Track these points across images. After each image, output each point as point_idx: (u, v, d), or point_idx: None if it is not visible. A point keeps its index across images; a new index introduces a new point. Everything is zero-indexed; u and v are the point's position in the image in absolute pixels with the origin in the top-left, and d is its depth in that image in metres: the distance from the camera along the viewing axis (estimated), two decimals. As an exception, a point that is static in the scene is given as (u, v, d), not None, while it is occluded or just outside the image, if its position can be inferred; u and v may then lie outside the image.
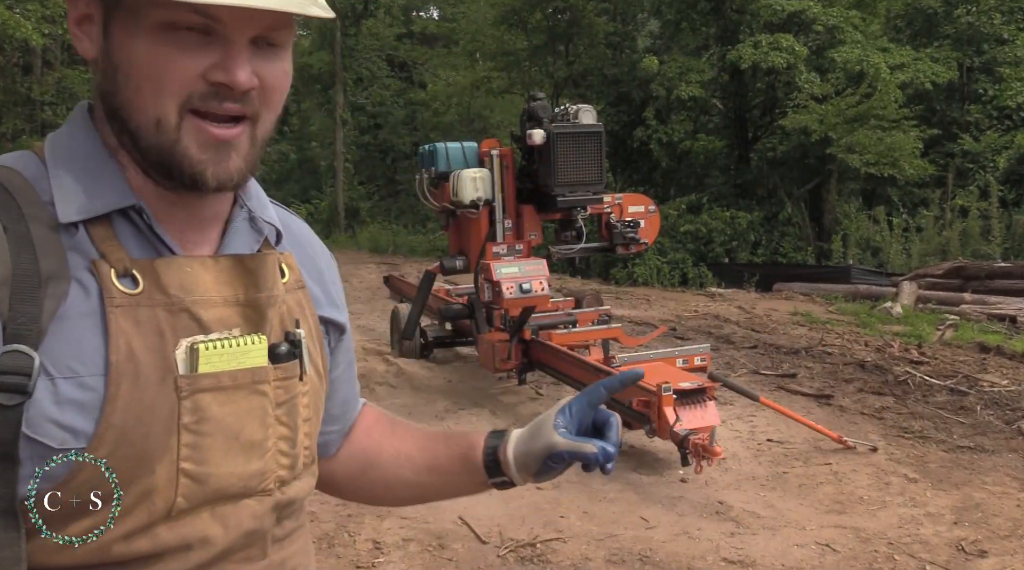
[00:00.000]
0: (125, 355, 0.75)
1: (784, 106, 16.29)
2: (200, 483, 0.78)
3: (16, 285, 0.72)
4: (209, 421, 0.78)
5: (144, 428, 0.75)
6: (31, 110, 13.36)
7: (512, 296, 5.30)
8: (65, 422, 0.72)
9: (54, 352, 0.73)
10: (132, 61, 0.75)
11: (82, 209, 0.77)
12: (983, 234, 13.55)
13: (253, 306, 0.83)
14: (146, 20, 0.74)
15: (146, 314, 0.77)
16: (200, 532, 0.79)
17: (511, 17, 19.78)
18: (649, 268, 15.11)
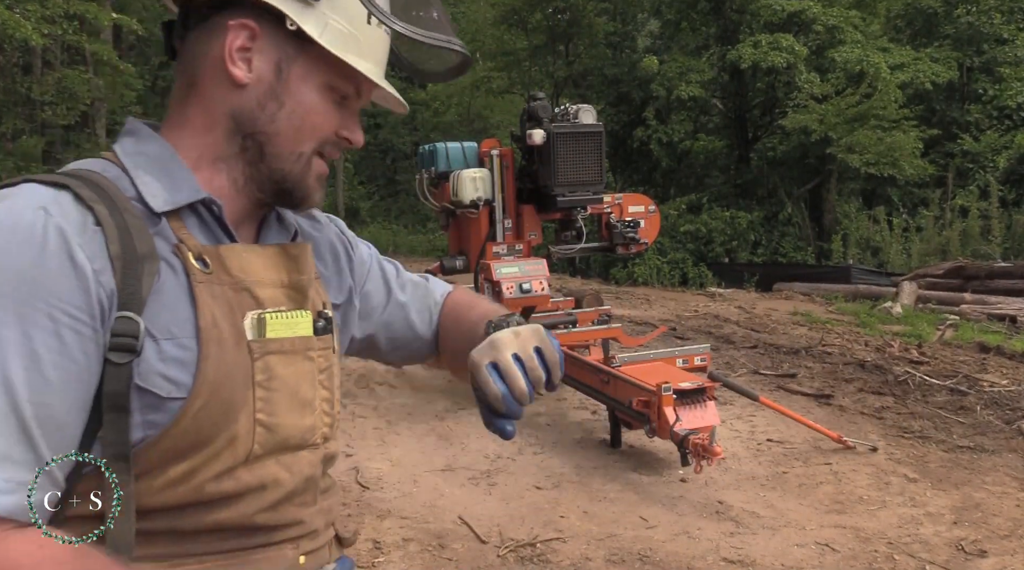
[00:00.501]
0: (211, 322, 0.89)
1: (784, 106, 16.29)
2: (271, 432, 0.92)
3: (126, 261, 0.85)
4: (276, 379, 0.93)
5: (229, 383, 0.89)
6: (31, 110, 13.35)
7: (512, 296, 5.30)
8: (170, 375, 0.85)
9: (154, 319, 0.86)
10: (302, 104, 0.95)
11: (167, 202, 0.91)
12: (983, 234, 13.55)
13: (296, 287, 0.99)
14: (319, 77, 0.95)
15: (218, 290, 0.91)
16: (272, 475, 0.92)
17: (511, 17, 19.78)
18: (649, 268, 15.11)
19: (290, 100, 0.94)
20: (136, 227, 0.87)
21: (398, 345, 1.24)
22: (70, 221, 0.83)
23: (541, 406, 5.84)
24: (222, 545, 0.90)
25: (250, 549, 0.92)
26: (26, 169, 12.22)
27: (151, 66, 17.29)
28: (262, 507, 0.92)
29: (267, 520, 0.93)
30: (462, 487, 4.35)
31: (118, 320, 0.83)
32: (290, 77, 0.94)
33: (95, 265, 0.83)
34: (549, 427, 5.36)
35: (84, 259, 0.82)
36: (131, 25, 12.09)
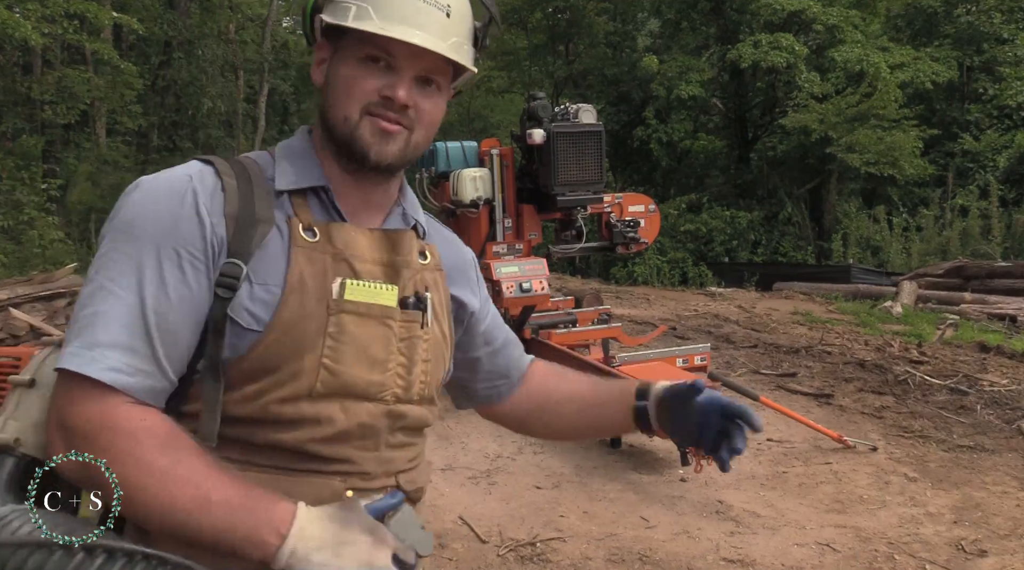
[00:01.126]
0: (298, 278, 1.08)
1: (784, 106, 16.29)
2: (334, 376, 1.08)
3: (239, 220, 1.08)
4: (346, 334, 1.09)
5: (302, 327, 1.07)
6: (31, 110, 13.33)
7: (512, 295, 5.30)
8: (253, 311, 1.06)
9: (255, 267, 1.08)
10: (339, 79, 1.13)
11: (289, 183, 1.15)
12: (983, 233, 13.55)
13: (391, 265, 1.17)
14: (354, 54, 1.12)
15: (318, 257, 1.11)
16: (328, 413, 1.08)
17: (511, 17, 19.77)
18: (649, 267, 15.12)
19: (335, 79, 1.15)
20: (262, 199, 1.12)
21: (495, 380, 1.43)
22: (204, 186, 1.09)
23: (541, 406, 5.84)
24: (280, 462, 1.06)
25: (302, 472, 1.07)
26: (26, 168, 12.21)
27: (151, 65, 17.27)
28: (315, 438, 1.07)
29: (319, 450, 1.08)
30: (462, 487, 4.35)
31: (227, 264, 1.06)
32: (335, 63, 1.15)
33: (213, 219, 1.07)
34: (549, 427, 5.36)
35: (206, 214, 1.07)
36: (131, 24, 12.07)
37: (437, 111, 1.17)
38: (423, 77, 1.14)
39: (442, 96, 1.18)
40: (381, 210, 1.22)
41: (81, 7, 11.29)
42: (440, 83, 1.16)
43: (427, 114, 1.16)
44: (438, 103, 1.17)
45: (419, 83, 1.13)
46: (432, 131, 1.18)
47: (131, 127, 15.90)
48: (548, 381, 1.47)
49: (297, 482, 1.05)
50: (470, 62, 1.17)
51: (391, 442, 1.15)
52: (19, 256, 10.91)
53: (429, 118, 1.16)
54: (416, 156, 1.19)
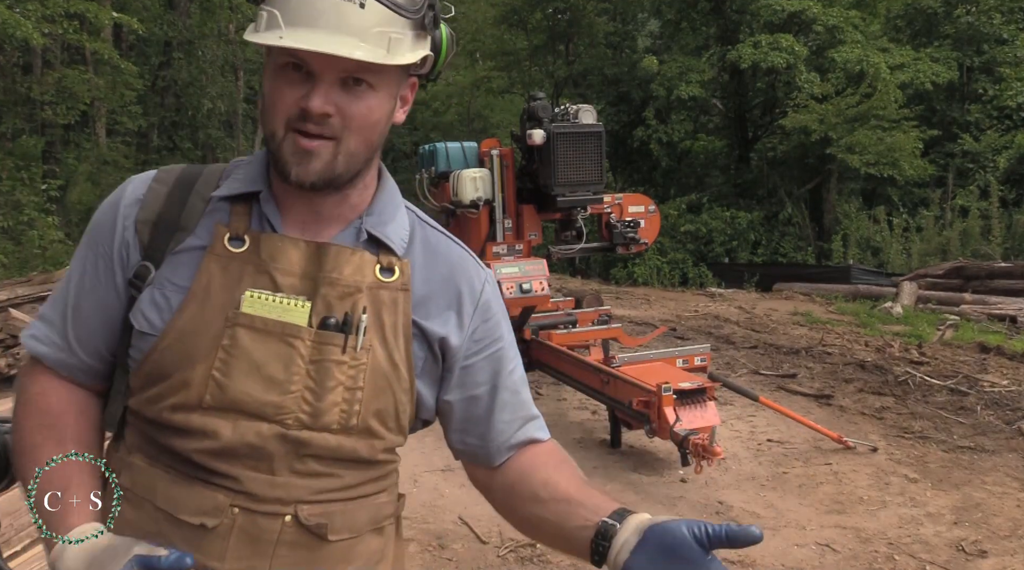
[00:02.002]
0: (202, 286, 1.07)
1: (784, 106, 16.28)
2: (222, 390, 1.05)
3: (156, 225, 1.11)
4: (239, 348, 1.06)
5: (196, 337, 1.06)
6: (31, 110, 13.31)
7: (512, 296, 5.30)
8: (148, 315, 1.08)
9: (165, 272, 1.09)
10: (265, 92, 1.09)
11: (229, 190, 1.13)
12: (983, 234, 13.54)
13: (313, 280, 1.09)
14: (274, 63, 1.07)
15: (236, 266, 1.08)
16: (216, 427, 1.06)
17: (511, 17, 19.78)
18: (649, 268, 15.11)
19: (263, 91, 1.10)
20: (193, 206, 1.12)
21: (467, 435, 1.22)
22: (133, 193, 1.14)
23: (542, 406, 5.83)
24: (176, 465, 1.08)
25: (192, 479, 1.08)
26: (26, 169, 12.20)
27: (151, 66, 17.27)
28: (202, 450, 1.06)
29: (205, 462, 1.07)
30: (462, 487, 4.35)
31: (140, 266, 1.10)
32: (264, 73, 1.11)
33: (125, 223, 1.12)
34: (549, 427, 5.35)
35: (121, 218, 1.13)
36: (132, 24, 12.06)
37: (372, 113, 1.07)
38: (347, 78, 1.04)
39: (379, 94, 1.07)
40: (335, 223, 1.14)
41: (81, 7, 11.28)
42: (373, 81, 1.05)
43: (357, 118, 1.05)
44: (372, 105, 1.06)
45: (344, 85, 1.04)
46: (373, 134, 1.08)
47: (131, 127, 15.89)
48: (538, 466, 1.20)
49: (187, 488, 1.07)
50: (405, 51, 1.05)
51: (297, 468, 1.08)
52: (19, 256, 10.90)
53: (361, 122, 1.06)
54: (357, 165, 1.09)
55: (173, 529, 1.06)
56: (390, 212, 1.18)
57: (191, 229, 1.11)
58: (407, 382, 1.14)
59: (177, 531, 1.06)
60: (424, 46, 1.09)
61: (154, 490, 1.08)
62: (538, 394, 6.10)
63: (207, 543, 1.06)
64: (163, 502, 1.08)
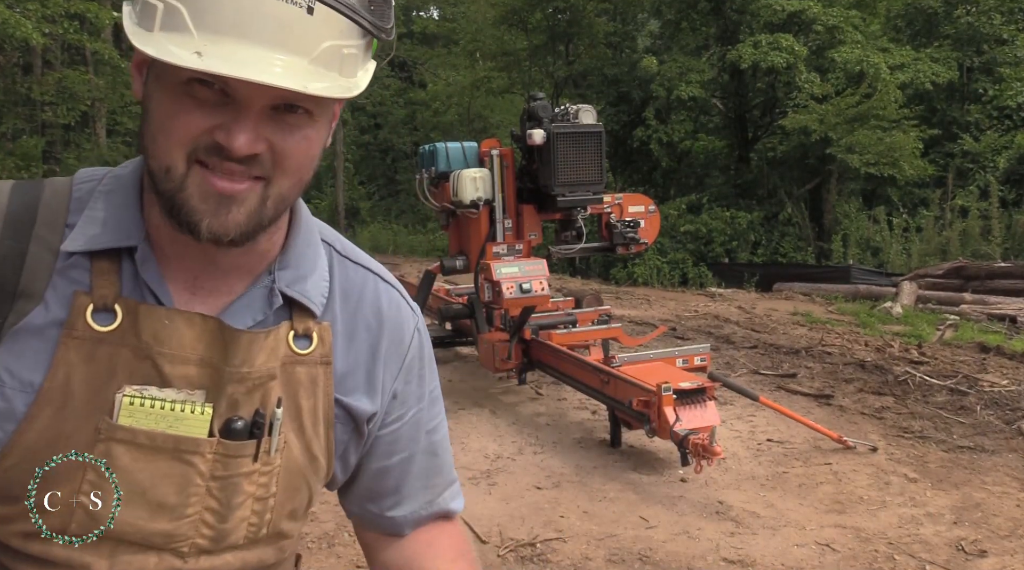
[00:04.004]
0: (61, 383, 0.79)
1: (784, 106, 16.29)
2: (93, 520, 0.80)
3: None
4: (117, 469, 0.80)
5: (54, 454, 0.79)
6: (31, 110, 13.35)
7: (512, 296, 5.30)
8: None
9: (2, 360, 0.78)
10: (155, 111, 0.78)
11: (87, 242, 0.81)
12: (983, 234, 13.54)
13: (216, 373, 0.83)
14: (173, 77, 0.75)
15: (105, 352, 0.80)
16: (85, 562, 0.81)
17: (511, 17, 19.77)
18: (649, 268, 15.11)
19: (151, 107, 0.79)
20: (38, 261, 0.80)
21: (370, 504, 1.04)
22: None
23: (541, 406, 5.84)
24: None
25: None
26: (26, 169, 12.21)
27: (151, 66, 17.29)
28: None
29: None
30: (462, 487, 4.34)
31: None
32: (150, 80, 0.80)
33: None
34: (549, 427, 5.36)
35: None
36: (131, 25, 12.07)
37: (310, 147, 0.81)
38: (280, 104, 0.77)
39: (317, 122, 0.81)
40: (237, 278, 0.87)
41: (82, 7, 11.30)
42: (312, 107, 0.79)
43: (292, 156, 0.79)
44: (310, 137, 0.81)
45: (275, 112, 0.77)
46: (306, 173, 0.82)
47: (131, 127, 15.91)
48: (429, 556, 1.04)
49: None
50: (358, 69, 0.80)
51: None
52: (19, 256, 10.91)
53: (295, 161, 0.80)
54: (282, 211, 0.83)
55: None
56: (309, 260, 0.92)
57: (38, 296, 0.80)
58: (325, 470, 0.94)
59: None
60: (369, 56, 0.84)
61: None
62: (538, 394, 6.10)
63: None
64: None
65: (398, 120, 24.69)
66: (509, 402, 5.94)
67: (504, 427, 5.35)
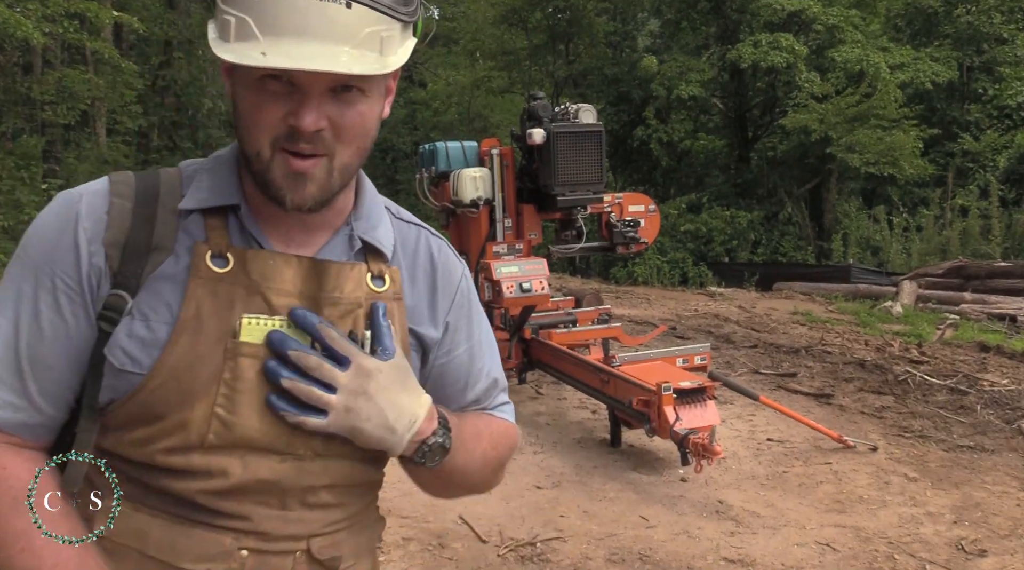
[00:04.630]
0: (192, 314, 0.96)
1: (784, 105, 16.29)
2: (228, 428, 0.96)
3: (128, 249, 0.97)
4: (244, 381, 0.97)
5: (192, 372, 0.95)
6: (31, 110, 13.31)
7: (512, 295, 5.30)
8: (129, 350, 0.96)
9: (143, 301, 0.97)
10: (241, 106, 0.97)
11: (197, 201, 1.01)
12: (983, 233, 13.54)
13: (315, 301, 1.00)
14: (250, 76, 0.94)
15: (225, 289, 0.98)
16: (223, 466, 0.97)
17: (511, 16, 19.77)
18: (649, 267, 15.12)
19: (239, 103, 0.98)
20: (165, 222, 0.99)
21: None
22: (91, 209, 0.99)
23: (541, 406, 5.84)
24: (171, 509, 0.98)
25: (191, 522, 0.98)
26: (26, 169, 12.19)
27: (151, 65, 17.27)
28: (206, 490, 0.97)
29: (208, 503, 0.97)
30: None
31: (111, 296, 0.97)
32: (235, 85, 0.99)
33: (92, 248, 0.97)
34: (549, 427, 5.36)
35: (84, 241, 0.97)
36: (132, 23, 12.06)
37: (365, 120, 0.99)
38: (336, 86, 0.94)
39: (370, 98, 0.98)
40: (321, 232, 1.06)
41: (82, 6, 11.28)
42: (364, 86, 0.96)
43: (350, 129, 0.97)
44: (364, 110, 0.98)
45: (334, 94, 0.95)
46: (364, 142, 1.01)
47: (131, 127, 15.89)
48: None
49: (185, 533, 0.97)
50: (397, 48, 0.97)
51: (309, 501, 1.02)
52: (19, 256, 10.90)
53: (353, 132, 0.98)
54: (349, 177, 1.02)
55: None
56: (376, 214, 1.11)
57: (169, 248, 0.98)
58: None
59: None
60: (410, 34, 1.00)
61: (144, 537, 0.98)
62: (538, 393, 6.10)
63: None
64: (156, 550, 0.97)
65: (398, 119, 24.68)
66: (509, 402, 5.93)
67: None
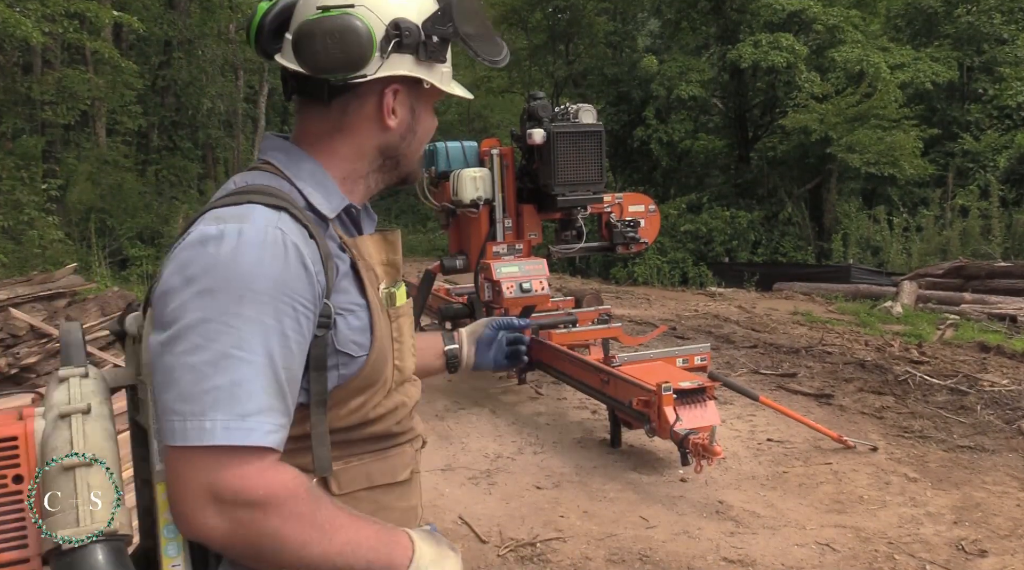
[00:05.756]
0: (372, 296, 1.22)
1: (784, 105, 16.28)
2: (400, 372, 1.29)
3: (326, 263, 1.15)
4: (403, 335, 1.29)
5: (385, 339, 1.24)
6: (31, 110, 13.29)
7: (512, 295, 5.30)
8: (357, 340, 1.19)
9: (339, 299, 1.18)
10: (425, 126, 1.33)
11: (332, 209, 1.23)
12: (983, 234, 13.54)
13: (393, 265, 1.31)
14: (430, 104, 1.33)
15: (364, 270, 1.23)
16: (401, 399, 1.29)
17: (511, 17, 19.77)
18: (649, 267, 15.12)
19: (419, 127, 1.31)
20: (317, 232, 1.16)
21: None
22: (298, 236, 1.13)
23: (541, 406, 5.84)
24: (372, 447, 1.26)
25: (388, 448, 1.28)
26: (26, 169, 12.18)
27: (151, 65, 17.25)
28: (397, 420, 1.28)
29: (399, 428, 1.29)
30: (462, 487, 4.35)
31: (324, 305, 1.15)
32: (419, 113, 1.31)
33: (316, 268, 1.13)
34: (549, 427, 5.36)
35: (310, 264, 1.13)
36: (132, 23, 12.05)
37: None
38: None
39: None
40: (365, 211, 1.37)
41: (81, 6, 11.27)
42: None
43: None
44: None
45: None
46: None
47: (131, 127, 15.88)
48: None
49: (385, 457, 1.27)
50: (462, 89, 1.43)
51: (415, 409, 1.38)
52: (19, 256, 10.89)
53: None
54: None
55: (388, 497, 1.27)
56: None
57: (332, 253, 1.19)
58: None
59: (390, 497, 1.28)
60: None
61: (369, 476, 1.25)
62: (538, 393, 6.10)
63: (410, 489, 1.32)
64: (380, 477, 1.26)
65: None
66: (509, 402, 5.94)
67: (504, 427, 5.35)
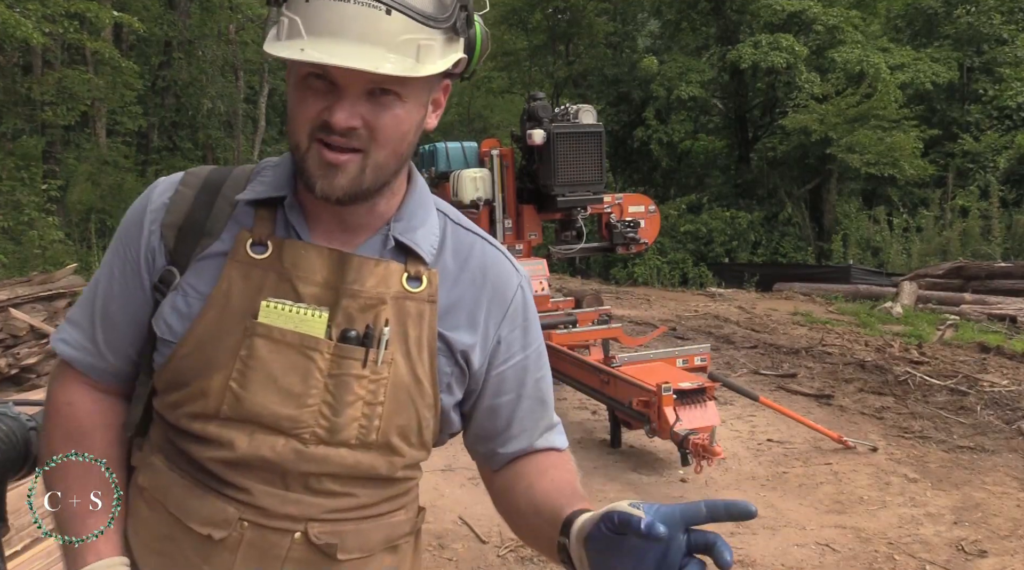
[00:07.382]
0: (223, 293, 1.06)
1: (784, 106, 16.29)
2: (239, 402, 1.04)
3: (183, 230, 1.10)
4: (256, 359, 1.04)
5: (215, 344, 1.05)
6: (31, 110, 13.28)
7: (512, 296, 5.28)
8: (169, 321, 1.08)
9: (190, 278, 1.08)
10: (289, 101, 1.05)
11: (253, 194, 1.11)
12: (983, 234, 13.54)
13: (335, 291, 1.07)
14: (296, 72, 1.02)
15: (257, 273, 1.07)
16: (231, 438, 1.05)
17: (511, 17, 19.78)
18: (649, 268, 15.11)
19: (288, 101, 1.06)
20: (220, 209, 1.10)
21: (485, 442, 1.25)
22: (159, 195, 1.13)
23: (541, 406, 5.84)
24: (193, 473, 1.09)
25: (203, 487, 1.08)
26: (26, 169, 12.19)
27: (151, 66, 17.25)
28: (216, 459, 1.06)
29: (218, 471, 1.07)
30: (462, 487, 4.35)
31: (164, 271, 1.09)
32: (288, 79, 1.08)
33: (152, 228, 1.11)
34: (549, 427, 5.36)
35: (147, 222, 1.11)
36: (132, 24, 12.05)
37: (401, 124, 1.02)
38: (374, 89, 0.99)
39: (407, 104, 1.02)
40: (363, 232, 1.11)
41: (81, 7, 11.27)
42: (401, 91, 1.00)
43: (385, 130, 1.01)
44: (400, 115, 1.01)
45: (371, 96, 0.99)
46: (402, 145, 1.04)
47: (131, 127, 15.87)
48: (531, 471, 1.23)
49: (199, 497, 1.07)
50: (436, 58, 1.00)
51: (312, 486, 1.06)
52: (19, 256, 10.89)
53: (386, 134, 1.01)
54: (385, 176, 1.05)
55: (183, 535, 1.07)
56: (420, 217, 1.14)
57: (217, 234, 1.09)
58: (431, 397, 1.11)
59: (186, 538, 1.07)
60: (456, 49, 1.04)
61: (167, 494, 1.09)
62: None
63: (214, 554, 1.06)
64: (174, 508, 1.08)
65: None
66: (509, 402, 5.93)
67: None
